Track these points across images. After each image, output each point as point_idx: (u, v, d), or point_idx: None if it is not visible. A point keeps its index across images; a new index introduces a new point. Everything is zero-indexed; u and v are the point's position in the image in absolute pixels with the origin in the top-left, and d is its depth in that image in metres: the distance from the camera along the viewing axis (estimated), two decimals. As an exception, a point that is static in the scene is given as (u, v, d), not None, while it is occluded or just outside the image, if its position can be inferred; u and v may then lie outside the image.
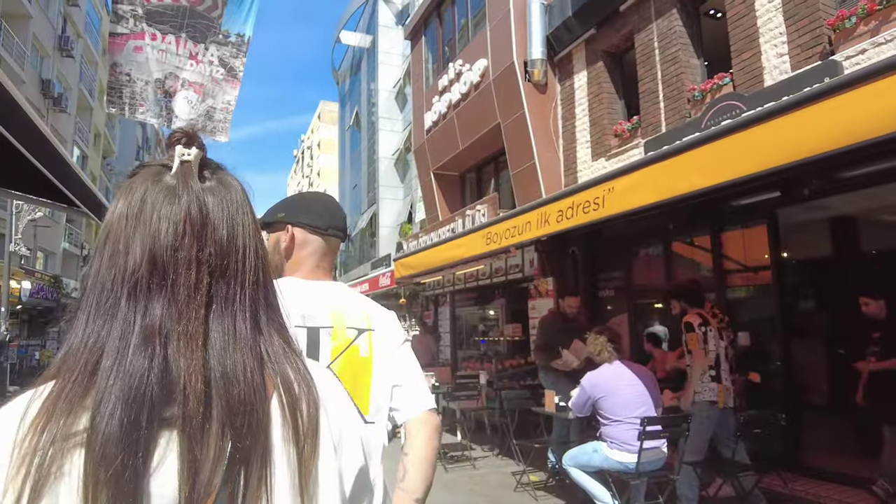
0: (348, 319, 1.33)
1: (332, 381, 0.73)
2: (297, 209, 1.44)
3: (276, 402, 0.62)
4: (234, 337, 0.62)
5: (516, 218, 4.63)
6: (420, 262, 6.56)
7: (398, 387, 1.34)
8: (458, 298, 11.78)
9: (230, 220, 0.67)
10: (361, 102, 26.92)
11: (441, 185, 12.60)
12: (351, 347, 1.30)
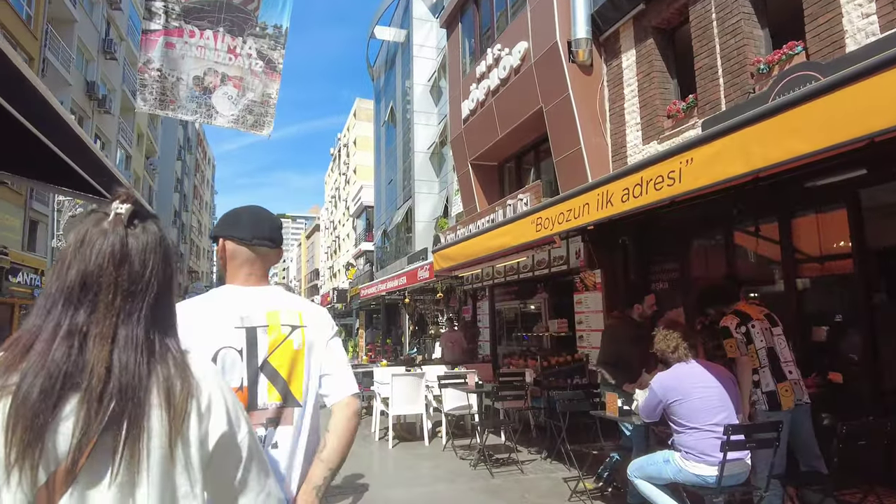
0: (282, 318, 1.54)
1: (210, 373, 1.03)
2: (227, 224, 1.65)
3: (155, 383, 0.92)
4: (133, 339, 0.93)
5: (572, 200, 4.16)
6: (461, 253, 6.16)
7: (326, 375, 1.57)
8: (498, 293, 11.34)
9: (142, 257, 0.97)
10: (396, 97, 26.67)
11: (479, 176, 12.16)
12: (286, 342, 1.52)
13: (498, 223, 5.29)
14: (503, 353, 11.04)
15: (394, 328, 25.33)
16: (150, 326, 0.95)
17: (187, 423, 0.93)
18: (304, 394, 1.56)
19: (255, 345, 1.51)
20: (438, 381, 6.79)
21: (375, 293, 10.55)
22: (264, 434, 1.49)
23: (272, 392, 1.51)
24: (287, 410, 1.53)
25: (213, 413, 0.98)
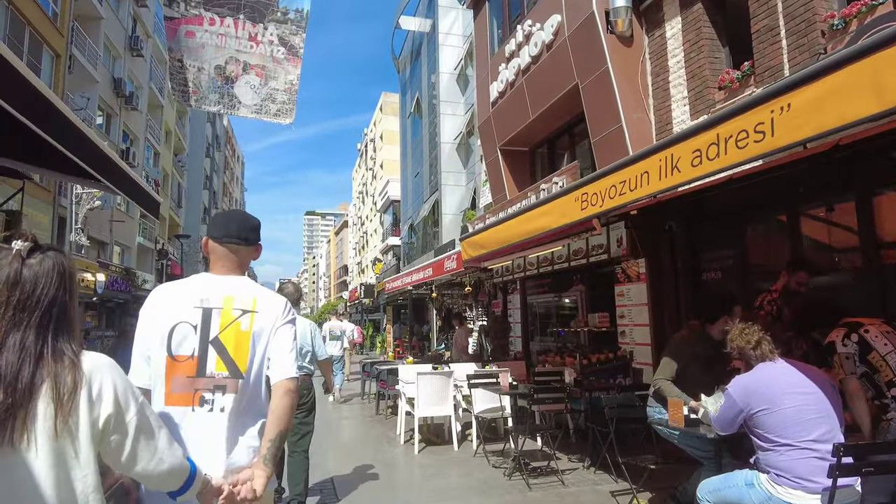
0: (236, 303, 1.85)
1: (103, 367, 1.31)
2: (210, 225, 2.03)
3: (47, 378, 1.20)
4: (22, 345, 1.21)
5: (627, 169, 3.48)
6: (492, 239, 5.55)
7: (270, 358, 1.85)
8: (530, 285, 10.68)
9: (34, 281, 1.26)
10: (422, 88, 26.11)
11: (509, 163, 11.50)
12: (235, 322, 1.82)
13: (535, 203, 4.65)
14: (536, 350, 10.39)
15: (421, 323, 24.85)
16: (43, 334, 1.25)
17: (76, 407, 1.22)
18: (248, 368, 1.80)
19: (209, 323, 1.79)
20: (468, 380, 6.19)
21: (401, 287, 10.00)
22: (212, 398, 1.74)
23: (219, 364, 1.77)
24: (231, 381, 1.77)
25: (102, 399, 1.27)
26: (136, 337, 1.80)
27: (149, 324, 1.79)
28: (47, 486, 1.17)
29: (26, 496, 1.16)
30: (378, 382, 9.11)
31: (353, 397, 11.50)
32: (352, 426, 8.26)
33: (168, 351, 1.75)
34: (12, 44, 15.30)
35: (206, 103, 9.73)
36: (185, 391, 1.74)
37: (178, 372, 1.74)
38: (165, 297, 1.83)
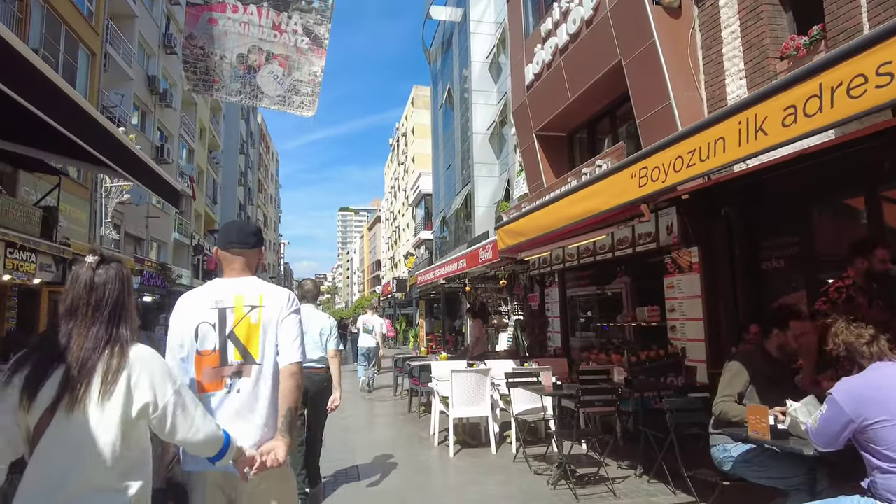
0: (245, 300, 2.16)
1: (144, 358, 1.66)
2: (219, 235, 2.35)
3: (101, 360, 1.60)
4: (97, 335, 1.61)
5: (697, 136, 2.95)
6: (532, 226, 5.06)
7: (279, 346, 2.15)
8: (570, 278, 10.13)
9: (103, 286, 1.67)
10: (454, 78, 25.62)
11: (545, 149, 10.94)
12: (245, 318, 2.14)
13: (582, 183, 4.14)
14: (577, 346, 9.85)
15: (454, 318, 24.45)
16: (110, 326, 1.66)
17: (115, 385, 1.59)
18: (260, 355, 2.13)
19: (225, 320, 2.14)
20: (506, 379, 5.73)
21: (433, 279, 9.59)
22: (230, 382, 2.11)
23: (236, 353, 2.13)
24: (246, 366, 2.12)
25: (139, 388, 1.63)
26: (168, 339, 2.15)
27: (177, 327, 2.15)
28: (90, 440, 1.54)
29: (75, 447, 1.54)
30: (410, 379, 8.73)
31: (381, 388, 11.64)
32: (383, 424, 7.90)
33: (195, 348, 2.11)
34: (48, 43, 15.45)
35: (227, 93, 9.47)
36: (214, 379, 2.09)
37: (205, 364, 2.10)
38: (188, 303, 2.19)
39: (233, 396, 2.08)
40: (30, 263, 11.97)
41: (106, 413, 1.56)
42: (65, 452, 1.53)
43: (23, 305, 13.93)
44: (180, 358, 2.11)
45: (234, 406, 2.08)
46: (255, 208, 53.01)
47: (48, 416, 1.53)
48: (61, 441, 1.53)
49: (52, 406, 1.53)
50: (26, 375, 1.55)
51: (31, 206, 12.71)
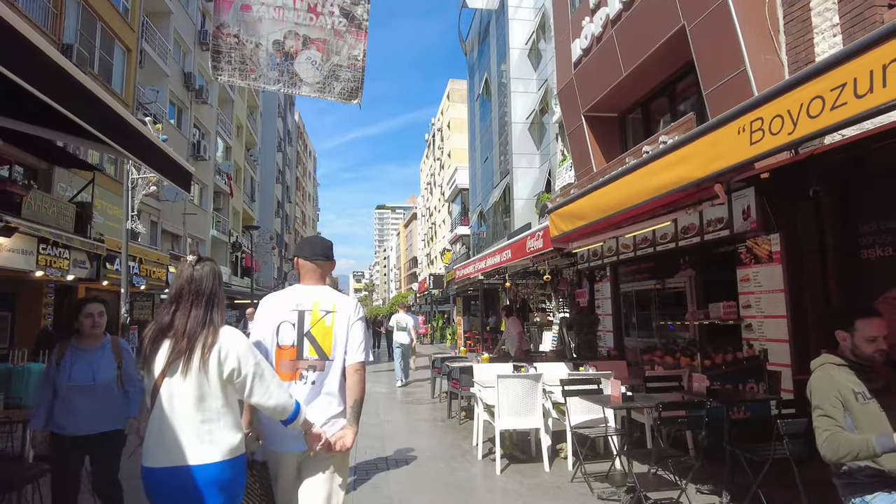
0: (321, 305, 2.51)
1: (231, 337, 2.12)
2: (298, 247, 2.71)
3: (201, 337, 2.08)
4: (197, 316, 2.11)
5: (846, 66, 2.13)
6: (594, 207, 4.28)
7: (347, 347, 2.49)
8: (624, 272, 9.23)
9: (200, 279, 2.17)
10: (491, 67, 24.79)
11: (594, 131, 10.06)
12: (321, 320, 2.48)
13: (667, 147, 3.31)
14: (632, 347, 8.96)
15: (493, 315, 23.69)
16: (206, 309, 2.13)
17: (210, 358, 2.05)
18: (332, 353, 2.46)
19: (303, 321, 2.48)
20: (562, 386, 4.95)
21: (474, 273, 8.86)
22: (305, 374, 2.43)
23: (311, 350, 2.46)
24: (319, 362, 2.45)
25: (228, 358, 2.07)
26: (253, 332, 2.50)
27: (261, 323, 2.50)
28: (192, 398, 2.05)
29: (185, 401, 2.05)
30: (450, 382, 8.03)
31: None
32: (421, 432, 7.22)
33: (276, 342, 2.46)
34: (83, 39, 15.37)
35: (265, 82, 9.00)
36: (290, 371, 2.44)
37: (283, 357, 2.46)
38: (272, 303, 2.54)
39: (307, 387, 2.43)
40: (63, 260, 11.80)
41: (212, 374, 2.07)
42: (174, 405, 2.05)
43: (59, 301, 13.86)
44: (262, 349, 2.45)
45: (307, 395, 2.41)
46: (293, 206, 53.30)
47: (161, 378, 2.06)
48: (169, 399, 2.06)
49: (163, 371, 2.06)
50: (143, 349, 2.11)
51: (65, 201, 12.57)
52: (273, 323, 2.47)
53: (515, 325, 10.20)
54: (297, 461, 2.41)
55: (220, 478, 2.03)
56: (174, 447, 2.01)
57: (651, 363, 6.42)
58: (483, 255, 8.31)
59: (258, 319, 2.51)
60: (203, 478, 2.00)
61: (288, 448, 2.36)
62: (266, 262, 36.34)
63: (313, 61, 9.18)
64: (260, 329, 2.47)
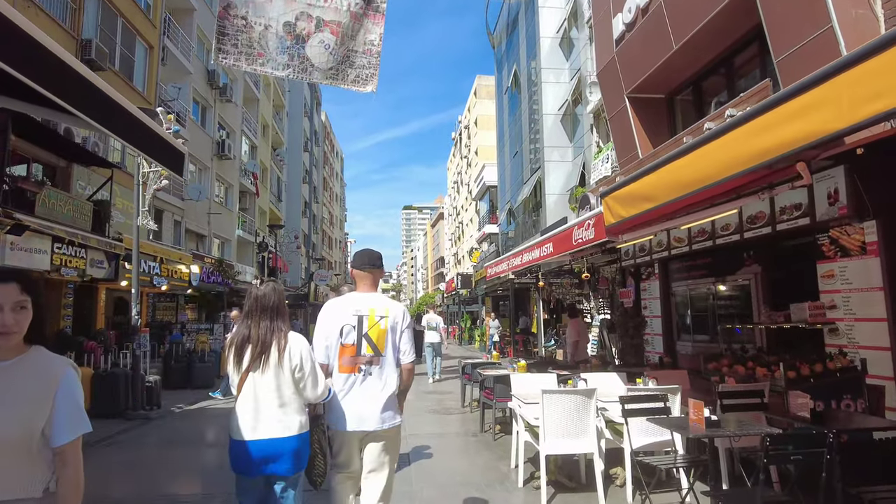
0: (377, 311, 3.06)
1: (297, 341, 2.79)
2: (353, 260, 3.28)
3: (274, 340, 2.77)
4: (268, 325, 2.78)
5: None
6: (665, 186, 3.43)
7: (399, 348, 3.10)
8: (676, 268, 8.30)
9: (263, 297, 2.85)
10: (520, 58, 23.89)
11: (640, 114, 9.14)
12: (377, 323, 3.04)
13: (790, 91, 2.46)
14: (685, 353, 8.02)
15: (522, 316, 22.77)
16: (274, 319, 2.77)
17: (284, 357, 2.68)
18: (385, 350, 3.04)
19: (362, 324, 3.04)
20: (622, 404, 4.10)
21: (507, 270, 8.05)
22: (363, 368, 3.00)
23: (368, 348, 3.02)
24: (375, 358, 3.02)
25: (294, 357, 2.68)
26: (317, 333, 3.08)
27: (326, 324, 3.07)
28: (284, 383, 2.69)
29: (266, 390, 2.67)
30: (482, 391, 7.23)
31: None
32: (451, 449, 6.42)
33: (340, 341, 3.03)
34: (104, 35, 15.04)
35: (273, 67, 8.43)
36: (351, 365, 3.01)
37: (345, 353, 3.02)
38: (335, 308, 3.11)
39: (364, 378, 3.01)
40: (79, 259, 11.40)
41: (286, 369, 2.73)
42: (256, 396, 2.71)
43: (79, 302, 13.53)
44: (325, 346, 3.06)
45: (365, 384, 3.01)
46: (320, 206, 53.15)
47: (245, 374, 2.73)
48: (253, 388, 2.71)
49: (247, 368, 2.73)
50: (233, 351, 2.79)
51: (82, 199, 12.19)
52: (337, 325, 3.05)
53: (576, 330, 9.27)
54: (358, 437, 3.01)
55: (293, 448, 2.70)
56: (260, 425, 2.67)
57: (717, 373, 5.51)
58: (518, 250, 7.49)
59: (324, 320, 3.09)
60: (282, 448, 2.67)
61: (351, 428, 2.96)
62: (292, 262, 36.03)
63: (326, 45, 8.52)
64: (326, 329, 3.06)
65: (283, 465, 2.66)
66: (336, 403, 2.97)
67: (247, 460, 2.64)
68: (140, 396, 8.70)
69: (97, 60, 13.67)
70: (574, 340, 8.71)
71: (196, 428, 8.26)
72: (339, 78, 8.86)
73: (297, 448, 2.70)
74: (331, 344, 3.02)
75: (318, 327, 3.09)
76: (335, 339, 3.01)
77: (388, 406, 3.00)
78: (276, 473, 2.68)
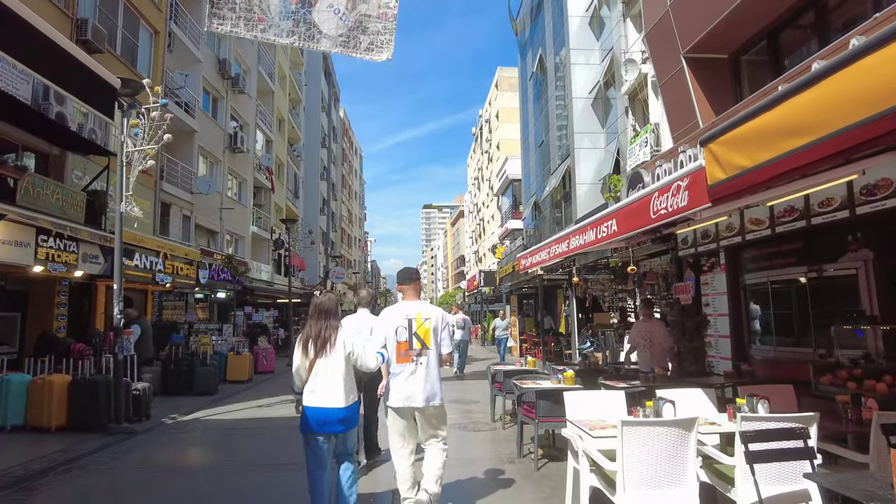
0: (422, 315, 4.08)
1: (349, 334, 3.96)
2: (398, 277, 4.37)
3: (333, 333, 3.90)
4: (325, 324, 3.92)
5: None
6: (831, 107, 2.21)
7: (440, 342, 4.11)
8: (749, 257, 6.92)
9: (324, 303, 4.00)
10: (546, 42, 22.51)
11: (699, 77, 7.77)
12: (423, 324, 4.03)
13: None
14: (764, 359, 6.64)
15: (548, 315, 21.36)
16: (329, 320, 3.91)
17: (338, 346, 3.81)
18: (430, 344, 4.01)
19: (412, 325, 4.00)
20: (744, 446, 2.80)
21: (548, 259, 6.75)
22: (416, 359, 3.96)
23: (417, 343, 3.98)
24: (424, 351, 3.98)
25: (346, 345, 3.83)
26: (378, 330, 4.18)
27: (385, 325, 4.10)
28: (339, 368, 3.74)
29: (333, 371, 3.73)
30: (520, 406, 5.95)
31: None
32: (485, 485, 4.95)
33: (395, 339, 4.02)
34: (103, 16, 14.09)
35: (275, 33, 7.39)
36: (405, 357, 3.98)
37: (401, 349, 3.99)
38: (390, 314, 4.15)
39: (417, 367, 3.97)
40: (69, 253, 10.41)
41: (338, 357, 3.76)
42: (323, 376, 3.74)
43: (76, 301, 12.58)
44: (384, 341, 4.08)
45: (417, 372, 3.96)
46: (338, 204, 52.28)
47: (313, 360, 3.76)
48: (321, 372, 3.74)
49: (316, 354, 3.75)
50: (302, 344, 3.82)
51: (74, 189, 11.21)
52: (392, 326, 4.07)
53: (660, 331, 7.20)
54: (410, 412, 4.01)
55: (345, 415, 3.76)
56: (323, 396, 3.73)
57: (842, 390, 4.16)
58: (563, 234, 6.16)
59: (383, 322, 4.16)
60: (338, 414, 3.72)
61: (405, 405, 3.95)
62: (307, 258, 34.97)
63: (336, 9, 7.50)
64: (384, 329, 4.11)
65: (338, 427, 3.74)
66: (394, 385, 3.99)
67: (313, 423, 3.71)
68: (123, 407, 7.60)
69: (94, 41, 12.71)
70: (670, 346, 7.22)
71: (185, 445, 7.14)
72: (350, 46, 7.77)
73: (347, 415, 3.76)
74: (389, 340, 4.06)
75: (377, 328, 4.23)
76: (392, 337, 4.04)
77: (434, 388, 3.98)
78: (334, 433, 3.77)
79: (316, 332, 3.79)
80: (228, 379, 13.12)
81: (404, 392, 3.90)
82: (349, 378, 3.80)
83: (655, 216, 3.68)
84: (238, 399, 10.82)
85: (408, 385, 3.90)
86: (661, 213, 3.61)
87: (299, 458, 4.19)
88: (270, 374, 15.44)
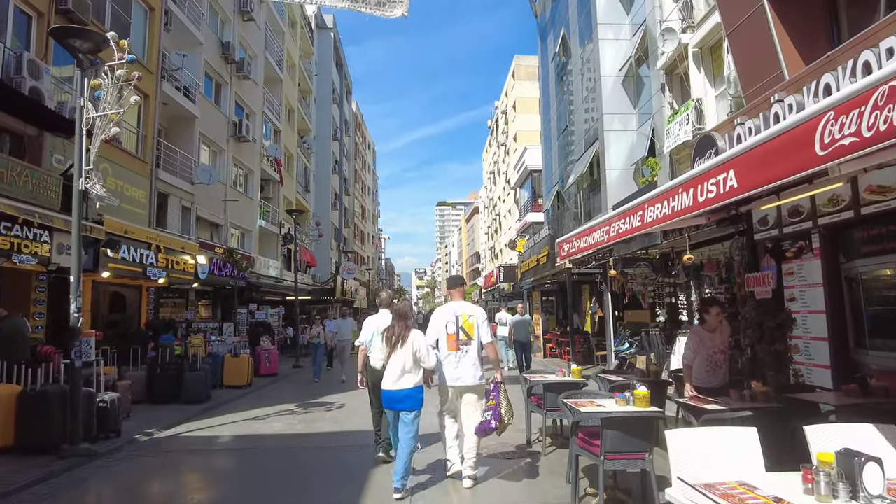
0: (466, 312, 5.31)
1: (416, 334, 5.05)
2: (448, 283, 6.00)
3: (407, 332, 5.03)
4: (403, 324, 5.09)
5: None
6: None
7: (481, 334, 5.27)
8: (858, 239, 5.43)
9: (402, 308, 5.27)
10: (570, 19, 20.97)
11: (782, 17, 6.28)
12: (467, 320, 5.25)
13: None
14: (880, 367, 5.16)
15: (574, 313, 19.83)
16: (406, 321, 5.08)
17: (408, 343, 4.93)
18: (474, 335, 5.20)
19: (458, 320, 5.24)
20: None
21: (606, 241, 5.34)
22: (462, 348, 5.18)
23: (463, 335, 5.20)
24: (468, 341, 5.19)
25: (415, 343, 4.93)
26: (430, 326, 5.31)
27: (437, 321, 5.28)
28: (409, 358, 4.89)
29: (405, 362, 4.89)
30: (575, 436, 4.53)
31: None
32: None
33: (445, 332, 5.21)
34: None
35: None
36: (454, 346, 5.14)
37: (450, 339, 5.17)
38: (441, 312, 5.36)
39: (464, 354, 5.11)
40: (41, 244, 9.20)
41: (408, 351, 4.86)
42: (397, 364, 4.88)
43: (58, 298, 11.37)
44: (437, 335, 5.22)
45: (463, 359, 5.09)
46: (351, 199, 51.07)
47: (391, 350, 4.93)
48: (396, 360, 4.89)
49: (392, 348, 4.91)
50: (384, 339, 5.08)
51: (48, 172, 10.01)
52: (443, 321, 5.23)
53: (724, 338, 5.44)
54: (459, 390, 5.13)
55: (414, 395, 4.86)
56: (398, 381, 4.83)
57: None
58: (637, 203, 4.67)
59: (435, 320, 5.31)
60: (408, 393, 4.83)
61: (454, 384, 5.11)
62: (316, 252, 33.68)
63: None
64: (436, 324, 5.24)
65: (406, 404, 4.87)
66: (445, 369, 5.14)
67: (390, 401, 4.95)
68: (81, 424, 6.29)
69: (76, 12, 11.50)
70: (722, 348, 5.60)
71: (147, 475, 5.79)
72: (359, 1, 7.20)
73: (415, 395, 4.88)
74: (440, 333, 5.22)
75: (430, 324, 5.31)
76: (443, 330, 5.21)
77: (476, 370, 5.13)
78: (404, 409, 4.87)
79: (397, 332, 4.95)
80: (225, 384, 11.85)
81: (455, 374, 5.12)
82: (415, 368, 4.90)
83: (829, 150, 2.23)
84: (231, 409, 9.52)
85: (457, 368, 5.12)
86: (842, 145, 2.17)
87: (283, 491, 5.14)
88: (273, 378, 14.16)
